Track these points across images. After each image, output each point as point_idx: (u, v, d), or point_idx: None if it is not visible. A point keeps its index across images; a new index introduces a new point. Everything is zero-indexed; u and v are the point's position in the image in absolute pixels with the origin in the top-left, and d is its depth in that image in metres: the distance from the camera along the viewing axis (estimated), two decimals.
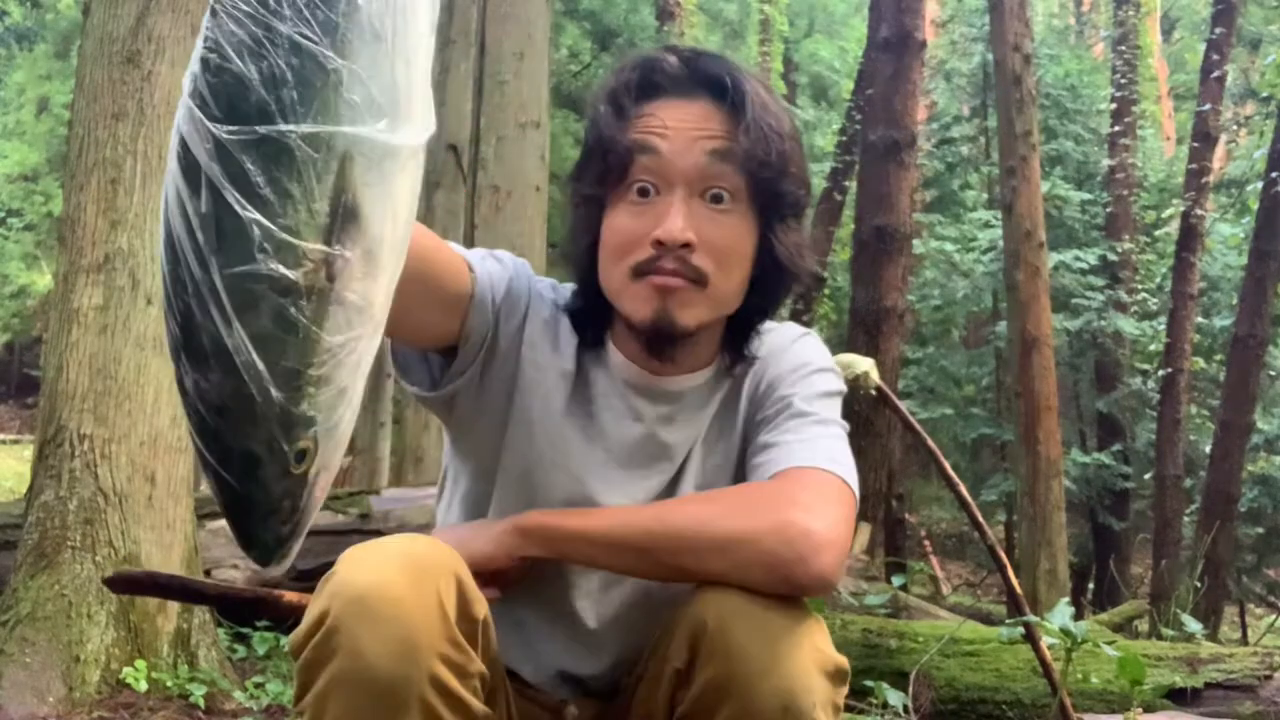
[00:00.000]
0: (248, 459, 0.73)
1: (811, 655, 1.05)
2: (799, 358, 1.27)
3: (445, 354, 1.23)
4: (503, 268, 1.24)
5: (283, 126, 0.68)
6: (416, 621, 0.97)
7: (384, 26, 0.72)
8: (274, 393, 0.71)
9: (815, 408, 1.23)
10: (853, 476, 1.18)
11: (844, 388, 1.29)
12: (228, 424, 0.72)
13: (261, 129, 0.68)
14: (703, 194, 1.17)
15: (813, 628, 1.07)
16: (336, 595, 0.98)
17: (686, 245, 1.14)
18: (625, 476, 1.25)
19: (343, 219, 0.71)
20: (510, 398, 1.24)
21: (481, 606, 1.05)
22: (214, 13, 0.69)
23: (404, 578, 0.98)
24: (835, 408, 1.26)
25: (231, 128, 0.67)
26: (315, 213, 0.70)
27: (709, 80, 1.19)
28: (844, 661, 1.08)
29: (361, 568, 0.99)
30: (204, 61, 0.68)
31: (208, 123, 0.68)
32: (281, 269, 0.69)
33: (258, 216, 0.68)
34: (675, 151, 1.16)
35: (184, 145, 0.69)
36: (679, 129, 1.17)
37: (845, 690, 1.08)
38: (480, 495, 1.27)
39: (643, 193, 1.17)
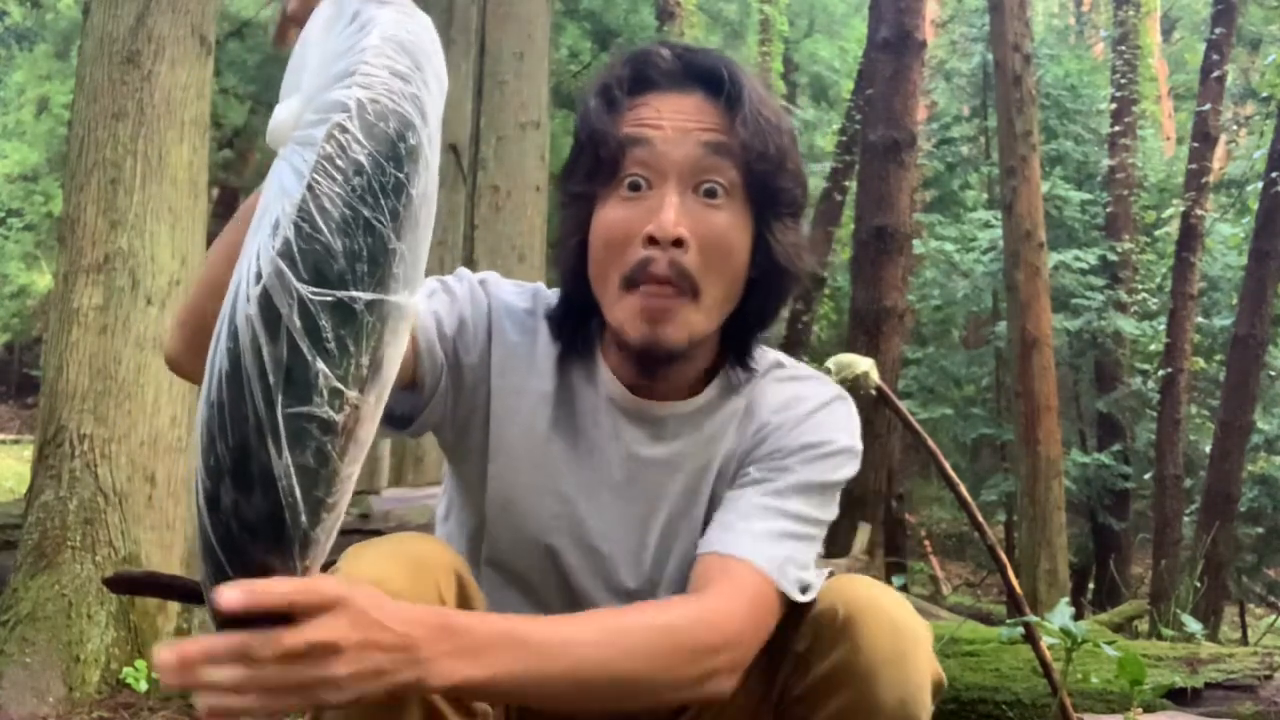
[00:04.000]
0: (265, 572, 0.82)
1: (928, 662, 1.09)
2: (822, 432, 1.19)
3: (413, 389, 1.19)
4: (452, 300, 1.19)
5: (354, 293, 0.81)
6: None
7: (420, 214, 0.86)
8: (302, 518, 0.81)
9: (809, 507, 1.16)
10: (795, 583, 1.11)
11: (854, 471, 1.23)
12: (256, 542, 0.81)
13: (339, 294, 0.81)
14: (696, 188, 1.12)
15: (927, 636, 1.11)
16: None
17: (679, 243, 1.09)
18: (613, 498, 1.21)
19: (371, 370, 0.84)
20: (486, 428, 1.20)
21: (480, 603, 1.06)
22: (310, 188, 0.81)
23: (403, 573, 0.99)
24: (833, 500, 1.19)
25: (315, 289, 0.80)
26: (360, 366, 0.83)
27: (704, 74, 1.15)
28: (943, 675, 1.12)
29: (361, 565, 1.00)
30: (296, 228, 0.80)
31: (295, 282, 0.80)
32: (330, 412, 0.81)
33: (323, 367, 0.80)
34: (668, 142, 1.12)
35: (266, 295, 0.80)
36: (673, 120, 1.13)
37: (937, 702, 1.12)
38: (475, 529, 1.25)
39: (634, 187, 1.13)
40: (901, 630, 1.08)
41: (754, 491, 1.16)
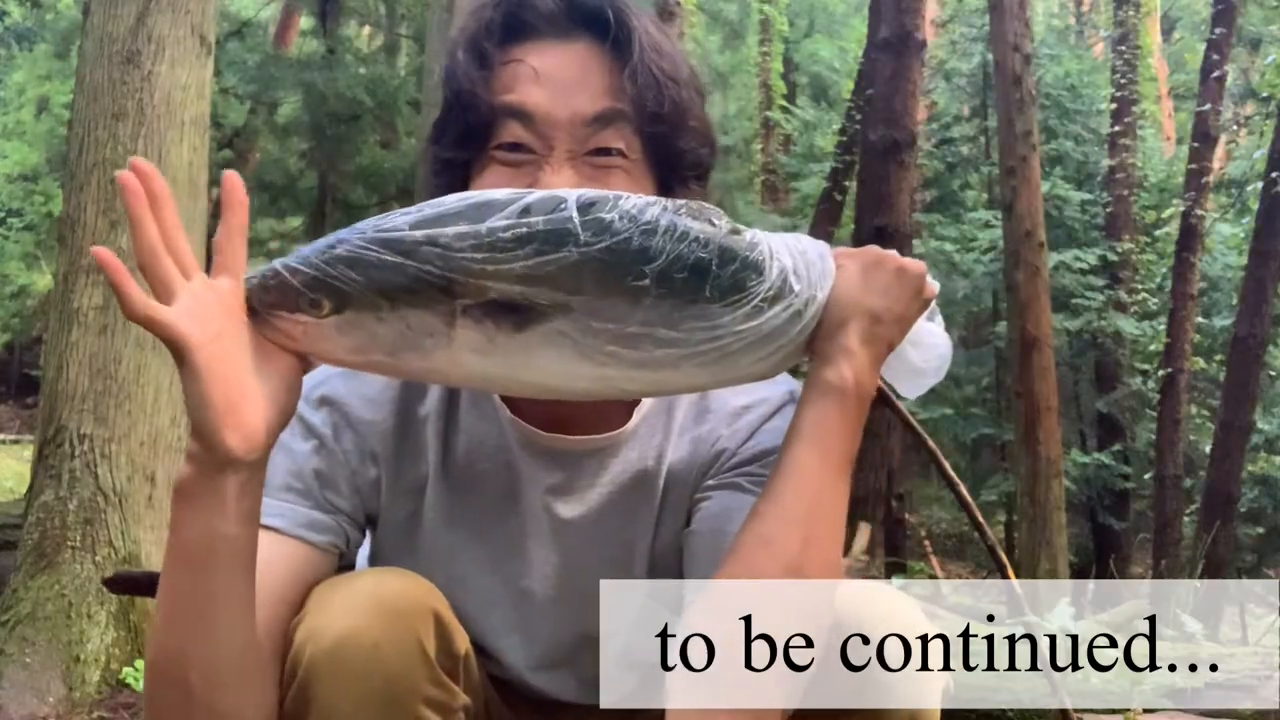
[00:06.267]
0: None
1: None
2: (779, 438, 1.04)
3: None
4: (321, 443, 1.05)
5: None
6: (395, 668, 0.91)
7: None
8: None
9: None
10: None
11: None
12: None
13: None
14: (586, 151, 1.00)
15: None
16: (308, 642, 0.91)
17: None
18: (524, 565, 1.09)
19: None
20: (407, 549, 1.10)
21: (463, 640, 0.98)
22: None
23: (379, 623, 0.91)
24: None
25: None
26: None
27: (588, 17, 1.01)
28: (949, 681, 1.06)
29: (334, 613, 0.92)
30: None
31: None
32: None
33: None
34: (551, 103, 0.99)
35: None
36: (554, 76, 1.00)
37: None
38: None
39: (514, 149, 1.00)
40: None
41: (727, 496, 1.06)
